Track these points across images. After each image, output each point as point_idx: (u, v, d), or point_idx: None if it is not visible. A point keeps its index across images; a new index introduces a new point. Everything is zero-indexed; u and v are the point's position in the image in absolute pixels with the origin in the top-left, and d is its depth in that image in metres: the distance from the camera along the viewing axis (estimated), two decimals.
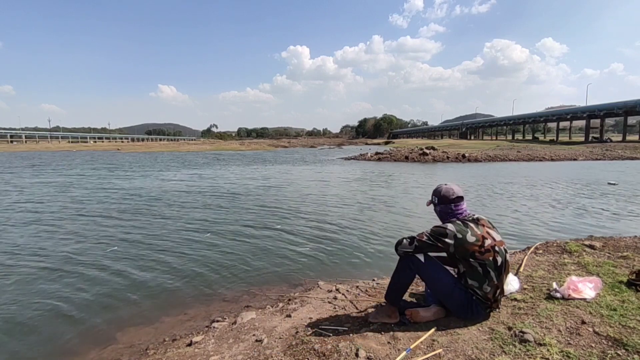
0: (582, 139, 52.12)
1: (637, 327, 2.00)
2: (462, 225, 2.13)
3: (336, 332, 2.19)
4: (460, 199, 2.24)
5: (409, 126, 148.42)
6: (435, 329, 2.09)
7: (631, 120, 62.48)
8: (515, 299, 2.46)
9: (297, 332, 2.25)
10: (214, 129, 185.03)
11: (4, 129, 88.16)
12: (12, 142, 78.16)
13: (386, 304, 2.33)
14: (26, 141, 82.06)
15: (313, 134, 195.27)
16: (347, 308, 2.64)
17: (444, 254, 2.28)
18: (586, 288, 2.42)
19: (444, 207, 2.26)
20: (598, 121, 51.36)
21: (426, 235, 2.15)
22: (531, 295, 2.51)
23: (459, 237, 2.08)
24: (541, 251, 3.80)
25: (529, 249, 3.91)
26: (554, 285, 2.55)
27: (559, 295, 2.44)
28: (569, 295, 2.40)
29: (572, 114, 56.84)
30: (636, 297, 2.39)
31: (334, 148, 62.05)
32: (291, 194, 10.13)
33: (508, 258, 2.22)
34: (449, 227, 2.13)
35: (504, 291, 2.27)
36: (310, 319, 2.45)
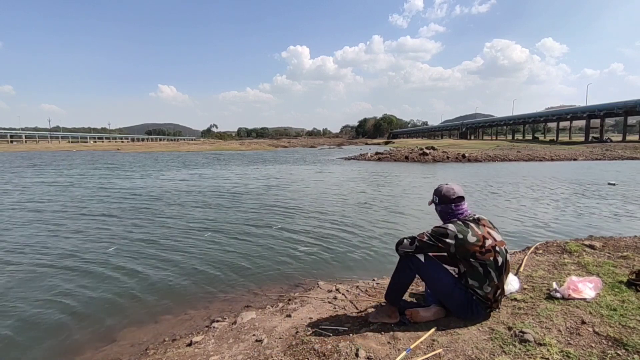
0: (582, 139, 52.13)
1: (637, 327, 2.00)
2: (462, 226, 2.12)
3: (336, 332, 2.19)
4: (461, 199, 2.23)
5: (409, 126, 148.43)
6: (435, 329, 2.09)
7: (631, 120, 62.49)
8: (515, 299, 2.46)
9: (297, 332, 2.25)
10: (214, 129, 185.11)
11: (4, 129, 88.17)
12: (12, 142, 78.17)
13: (386, 304, 2.33)
14: (26, 141, 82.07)
15: (313, 134, 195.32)
16: (347, 308, 2.64)
17: (444, 254, 2.29)
18: (586, 288, 2.42)
19: (445, 207, 2.26)
20: (598, 121, 51.37)
21: (427, 236, 2.15)
22: (531, 295, 2.51)
23: (460, 237, 2.07)
24: (541, 251, 3.80)
25: (529, 249, 3.91)
26: (554, 285, 2.55)
27: (559, 295, 2.44)
28: (569, 295, 2.40)
29: (572, 114, 56.85)
30: (636, 297, 2.39)
31: (334, 148, 62.05)
32: (291, 193, 10.13)
33: (509, 258, 2.22)
34: (449, 227, 2.12)
35: (504, 291, 2.27)
36: (310, 319, 2.45)
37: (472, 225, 2.13)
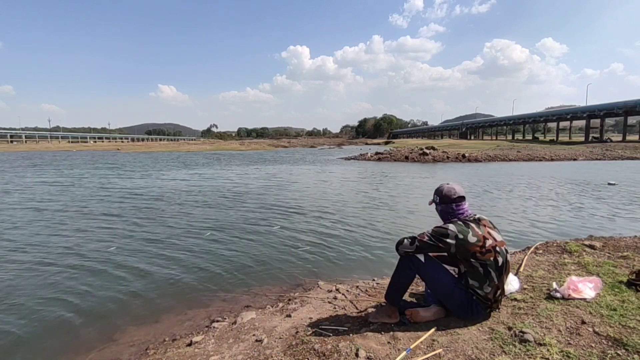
0: (582, 139, 52.13)
1: (637, 327, 2.00)
2: (463, 226, 2.12)
3: (336, 332, 2.19)
4: (461, 198, 2.23)
5: (409, 126, 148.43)
6: (435, 329, 2.09)
7: (631, 120, 62.48)
8: (515, 299, 2.46)
9: (297, 332, 2.25)
10: (214, 129, 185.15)
11: (4, 129, 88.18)
12: (12, 142, 78.20)
13: (386, 304, 2.33)
14: (26, 141, 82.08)
15: (313, 134, 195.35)
16: (347, 308, 2.64)
17: (444, 254, 2.29)
18: (586, 288, 2.42)
19: (446, 207, 2.26)
20: (598, 121, 51.36)
21: (427, 236, 2.14)
22: (531, 295, 2.51)
23: (460, 237, 2.07)
24: (541, 251, 3.80)
25: (529, 249, 3.91)
26: (554, 285, 2.55)
27: (559, 295, 2.44)
28: (569, 295, 2.40)
29: (572, 114, 56.84)
30: (636, 297, 2.39)
31: (334, 148, 62.06)
32: (291, 193, 10.13)
33: (509, 258, 2.22)
34: (450, 227, 2.12)
35: (504, 291, 2.27)
36: (310, 319, 2.45)
37: (473, 225, 2.13)
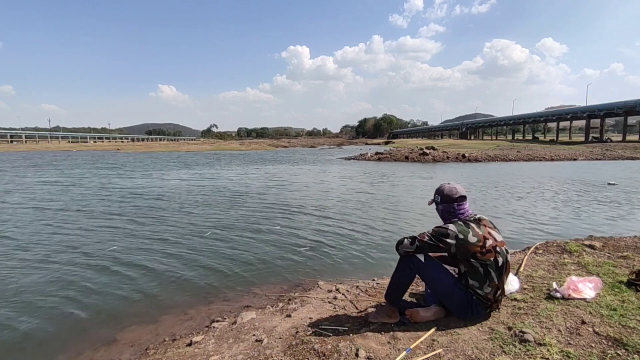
0: (582, 139, 52.12)
1: (637, 327, 2.00)
2: (463, 226, 2.12)
3: (336, 332, 2.19)
4: (463, 198, 2.23)
5: (409, 126, 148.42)
6: (435, 329, 2.09)
7: (631, 120, 62.46)
8: (515, 299, 2.46)
9: (297, 332, 2.25)
10: (214, 129, 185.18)
11: (4, 129, 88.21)
12: (12, 142, 78.23)
13: (386, 304, 2.33)
14: (26, 141, 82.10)
15: (313, 134, 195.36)
16: (347, 308, 2.64)
17: (445, 254, 2.28)
18: (586, 288, 2.42)
19: (447, 206, 2.25)
20: (598, 121, 51.36)
21: (427, 236, 2.14)
22: (531, 295, 2.51)
23: (461, 237, 2.07)
24: (541, 251, 3.80)
25: (529, 249, 3.91)
26: (554, 285, 2.55)
27: (559, 295, 2.44)
28: (569, 295, 2.40)
29: (572, 114, 56.83)
30: (636, 297, 2.39)
31: (334, 148, 62.06)
32: (291, 193, 10.13)
33: (509, 258, 2.22)
34: (450, 227, 2.12)
35: (504, 291, 2.27)
36: (310, 319, 2.45)
37: (473, 225, 2.13)
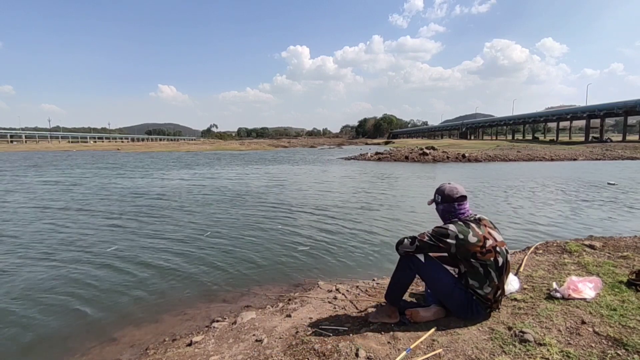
0: (582, 139, 52.12)
1: (637, 327, 2.00)
2: (463, 226, 2.12)
3: (336, 332, 2.19)
4: (463, 198, 2.23)
5: (409, 126, 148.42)
6: (435, 329, 2.09)
7: (631, 120, 62.47)
8: (515, 299, 2.45)
9: (297, 332, 2.25)
10: (214, 129, 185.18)
11: (4, 129, 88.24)
12: (12, 142, 78.24)
13: (386, 304, 2.33)
14: (26, 141, 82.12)
15: (313, 134, 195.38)
16: (347, 308, 2.64)
17: (445, 254, 2.28)
18: (586, 288, 2.42)
19: (447, 206, 2.25)
20: (598, 121, 51.36)
21: (427, 236, 2.14)
22: (531, 295, 2.51)
23: (461, 237, 2.07)
24: (541, 251, 3.80)
25: (529, 249, 3.91)
26: (554, 285, 2.55)
27: (559, 295, 2.44)
28: (569, 295, 2.40)
29: (572, 114, 56.83)
30: (636, 297, 2.39)
31: (334, 148, 62.06)
32: (291, 193, 10.13)
33: (509, 259, 2.22)
34: (450, 227, 2.12)
35: (504, 291, 2.27)
36: (310, 319, 2.45)
37: (473, 225, 2.13)
